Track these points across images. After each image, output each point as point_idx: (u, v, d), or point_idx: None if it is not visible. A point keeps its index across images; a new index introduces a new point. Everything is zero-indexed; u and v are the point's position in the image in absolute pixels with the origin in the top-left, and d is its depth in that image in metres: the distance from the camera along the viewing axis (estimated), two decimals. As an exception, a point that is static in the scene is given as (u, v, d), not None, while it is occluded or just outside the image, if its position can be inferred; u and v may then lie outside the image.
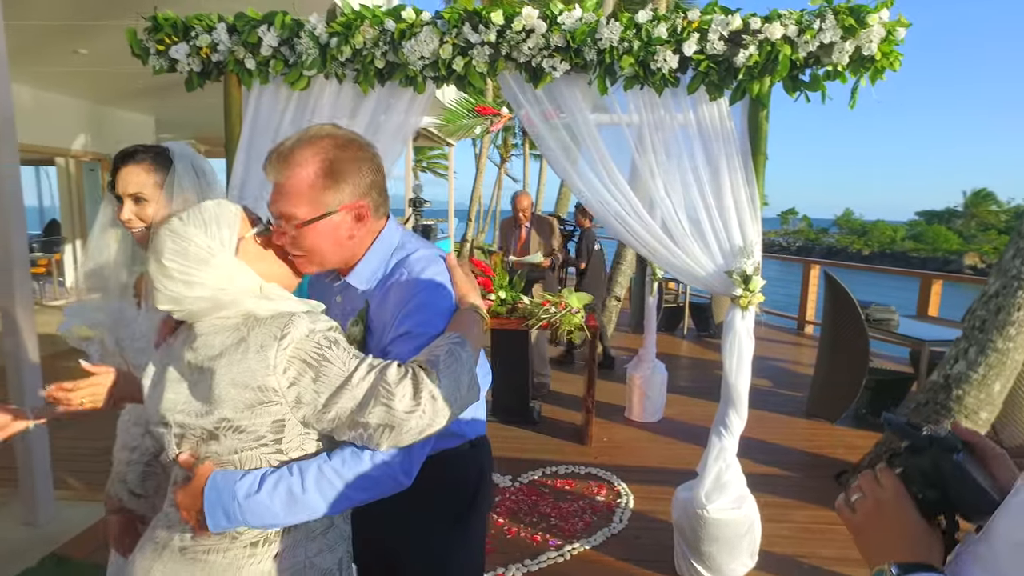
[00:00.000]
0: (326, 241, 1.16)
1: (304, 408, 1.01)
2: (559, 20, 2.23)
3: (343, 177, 1.14)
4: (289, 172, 1.12)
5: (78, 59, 6.81)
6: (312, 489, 1.01)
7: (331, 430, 1.03)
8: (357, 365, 1.01)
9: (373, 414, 0.98)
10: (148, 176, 1.52)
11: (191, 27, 2.47)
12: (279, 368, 0.99)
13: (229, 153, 2.59)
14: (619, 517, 3.21)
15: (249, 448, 1.03)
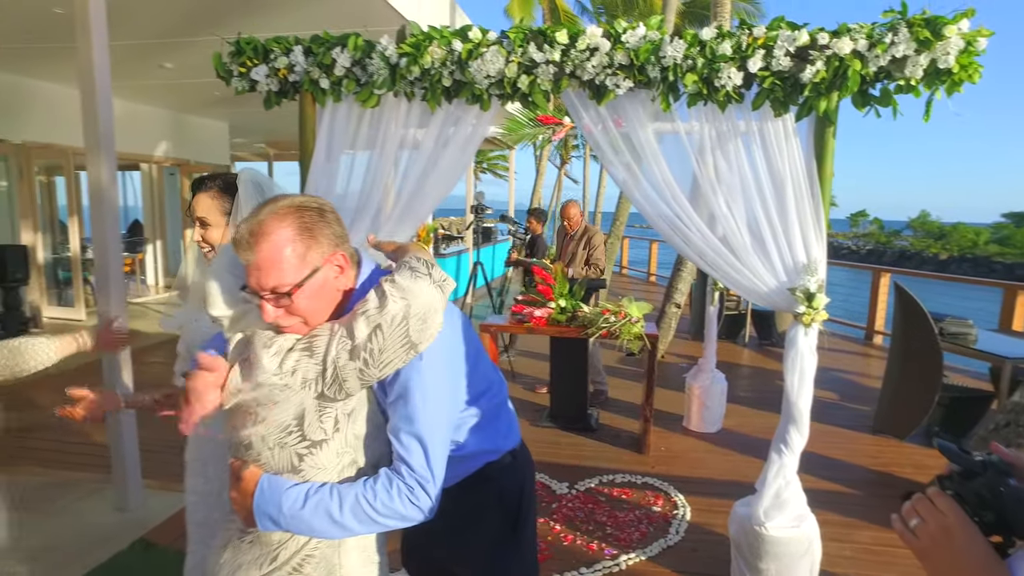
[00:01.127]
0: (318, 299, 1.17)
1: (312, 384, 1.11)
2: (623, 39, 2.25)
3: (316, 232, 1.16)
4: (265, 245, 1.13)
5: (164, 72, 7.25)
6: (348, 515, 1.11)
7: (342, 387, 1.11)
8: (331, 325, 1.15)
9: (358, 332, 1.10)
10: (213, 202, 1.71)
11: (270, 50, 2.62)
12: (277, 363, 1.11)
13: (303, 167, 2.73)
14: (675, 529, 3.21)
15: (279, 444, 1.13)
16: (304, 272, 1.14)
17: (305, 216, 1.15)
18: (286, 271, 1.13)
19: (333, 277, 1.19)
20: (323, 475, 1.15)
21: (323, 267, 1.17)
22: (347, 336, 1.09)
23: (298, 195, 1.20)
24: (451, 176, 2.65)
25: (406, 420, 1.16)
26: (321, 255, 1.16)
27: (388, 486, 1.14)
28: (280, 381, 1.10)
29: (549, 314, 3.99)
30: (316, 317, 1.18)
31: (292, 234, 1.13)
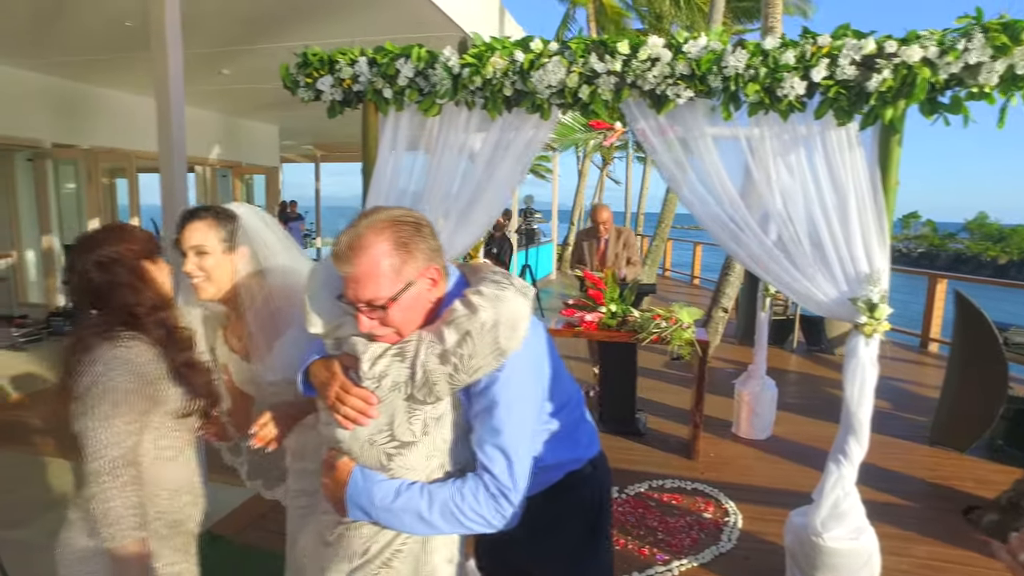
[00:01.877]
0: (412, 312, 1.20)
1: (401, 387, 1.18)
2: (684, 49, 2.27)
3: (412, 247, 1.18)
4: (363, 258, 1.15)
5: (221, 78, 7.50)
6: (436, 514, 1.17)
7: (431, 390, 1.17)
8: (420, 332, 1.22)
9: (447, 338, 1.17)
10: (210, 231, 1.63)
11: (335, 61, 2.72)
12: (368, 366, 1.19)
13: (366, 174, 2.82)
14: (727, 536, 3.19)
15: (370, 441, 1.22)
16: (399, 286, 1.16)
17: (402, 231, 1.18)
18: (382, 285, 1.15)
19: (426, 289, 1.22)
20: (412, 475, 1.21)
21: (417, 281, 1.19)
22: (437, 341, 1.14)
23: (395, 208, 1.22)
24: (508, 183, 2.71)
25: (492, 432, 1.19)
26: (416, 269, 1.19)
27: (475, 491, 1.18)
28: (371, 385, 1.16)
29: (600, 318, 4.01)
30: (409, 328, 1.21)
31: (389, 248, 1.16)
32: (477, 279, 1.25)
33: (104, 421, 1.31)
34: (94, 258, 1.43)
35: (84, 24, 5.43)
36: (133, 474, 1.33)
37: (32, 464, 3.95)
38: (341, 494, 1.20)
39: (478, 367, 1.15)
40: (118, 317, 1.42)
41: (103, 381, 1.32)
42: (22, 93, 7.14)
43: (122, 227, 1.54)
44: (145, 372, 1.38)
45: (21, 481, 3.71)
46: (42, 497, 3.47)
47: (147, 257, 1.49)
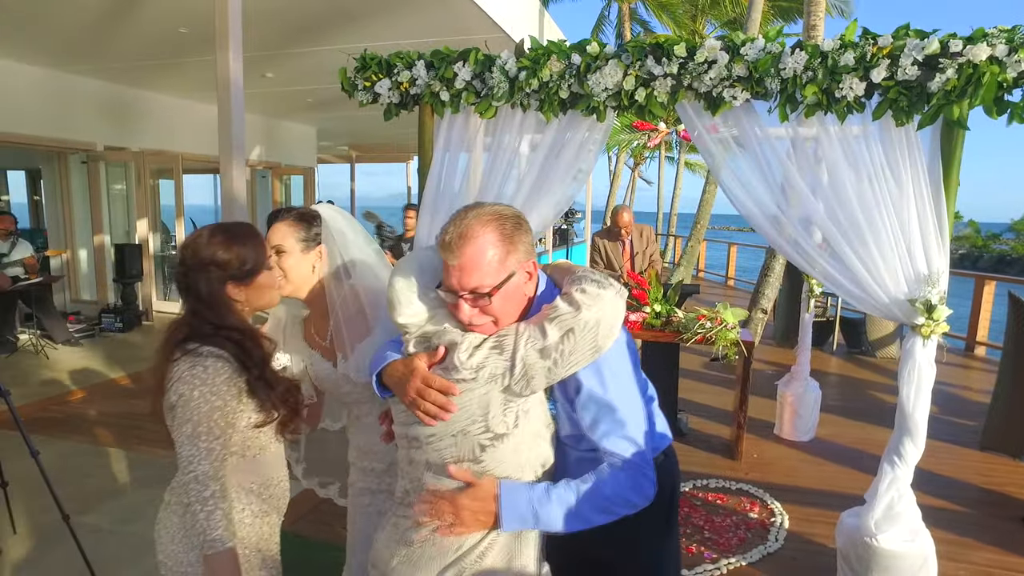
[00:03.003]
0: (511, 302, 1.27)
1: (498, 379, 1.21)
2: (742, 51, 2.29)
3: (516, 240, 1.25)
4: (470, 248, 1.21)
5: (264, 81, 7.69)
6: (586, 506, 1.21)
7: (529, 384, 1.21)
8: (518, 326, 1.25)
9: (550, 334, 1.19)
10: (289, 230, 1.69)
11: (393, 64, 2.79)
12: (466, 356, 1.22)
13: (421, 175, 2.89)
14: (774, 536, 3.19)
15: (463, 431, 1.24)
16: (502, 276, 1.23)
17: (506, 224, 1.25)
18: (487, 273, 1.22)
19: (523, 283, 1.29)
20: (502, 468, 1.25)
21: (518, 272, 1.26)
22: (539, 336, 1.19)
23: (498, 204, 1.30)
24: (563, 185, 2.74)
25: (617, 424, 1.25)
26: (517, 261, 1.26)
27: (617, 477, 1.23)
28: (468, 376, 1.21)
29: (644, 318, 4.03)
30: (506, 318, 1.27)
31: (495, 239, 1.23)
32: (573, 279, 1.29)
33: (189, 439, 1.36)
34: (187, 259, 1.47)
35: (140, 31, 5.63)
36: (220, 487, 1.38)
37: (94, 454, 4.12)
38: (492, 508, 1.20)
39: (575, 363, 1.20)
40: (199, 325, 1.45)
41: (183, 402, 1.37)
42: (77, 98, 7.42)
43: (239, 233, 1.52)
44: (222, 393, 1.40)
45: (85, 470, 3.88)
46: (106, 485, 3.63)
47: (237, 278, 1.48)
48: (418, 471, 1.31)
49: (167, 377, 1.41)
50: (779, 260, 6.62)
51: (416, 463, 1.32)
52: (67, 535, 2.73)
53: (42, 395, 5.13)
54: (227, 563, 1.38)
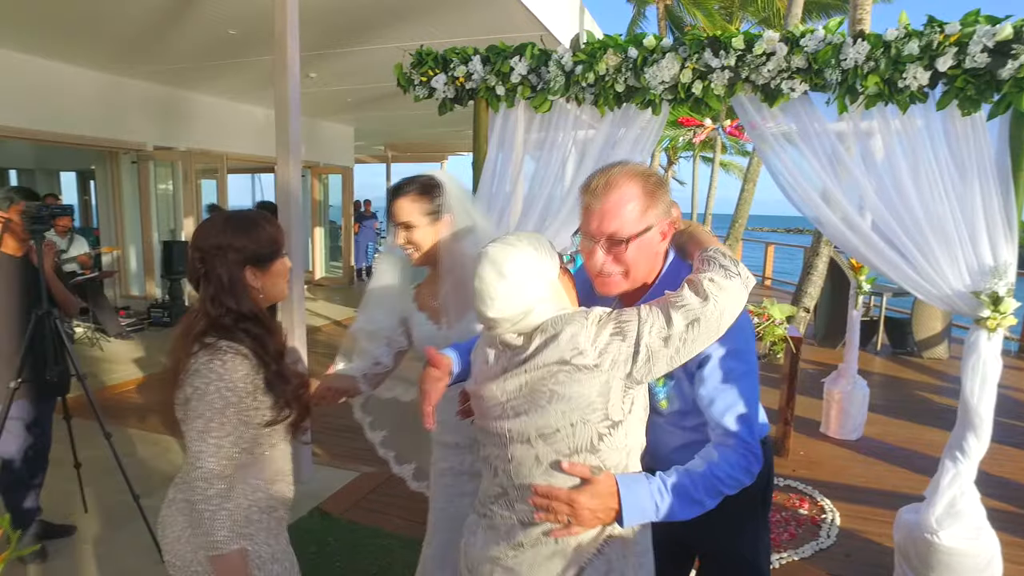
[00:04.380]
0: (643, 256, 1.32)
1: (620, 366, 1.18)
2: (801, 43, 2.28)
3: (657, 197, 1.31)
4: (615, 195, 1.28)
5: (307, 81, 7.82)
6: (703, 492, 1.23)
7: (651, 370, 1.19)
8: (639, 311, 1.21)
9: (675, 322, 1.17)
10: (415, 205, 1.76)
11: (449, 60, 2.84)
12: (590, 343, 1.18)
13: (476, 168, 2.93)
14: (826, 533, 3.16)
15: (582, 420, 1.20)
16: (640, 227, 1.29)
17: (650, 180, 1.31)
18: (627, 222, 1.28)
19: (658, 240, 1.34)
20: (615, 456, 1.24)
21: (655, 227, 1.32)
22: (663, 324, 1.17)
23: (641, 164, 1.37)
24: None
25: (734, 401, 1.28)
26: (656, 216, 1.31)
27: (728, 457, 1.25)
28: (592, 362, 1.18)
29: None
30: (636, 272, 1.33)
31: (639, 192, 1.29)
32: (704, 259, 1.27)
33: (199, 435, 1.34)
34: (201, 243, 1.43)
35: (190, 34, 5.79)
36: (225, 486, 1.36)
37: (150, 441, 4.27)
38: (613, 504, 1.19)
39: (697, 350, 1.21)
40: (219, 316, 1.41)
41: (198, 396, 1.34)
42: (129, 100, 7.66)
43: (254, 219, 1.48)
44: (238, 390, 1.37)
45: (143, 455, 4.02)
46: (164, 470, 3.76)
47: (255, 262, 1.45)
48: (524, 468, 1.25)
49: (184, 370, 1.38)
50: (822, 258, 6.52)
51: (520, 460, 1.26)
52: (132, 515, 2.84)
53: (98, 385, 5.31)
54: (233, 565, 1.36)
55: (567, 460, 1.22)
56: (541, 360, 1.21)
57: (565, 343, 1.20)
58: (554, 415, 1.21)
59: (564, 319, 1.23)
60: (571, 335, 1.20)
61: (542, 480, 1.24)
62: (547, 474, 1.23)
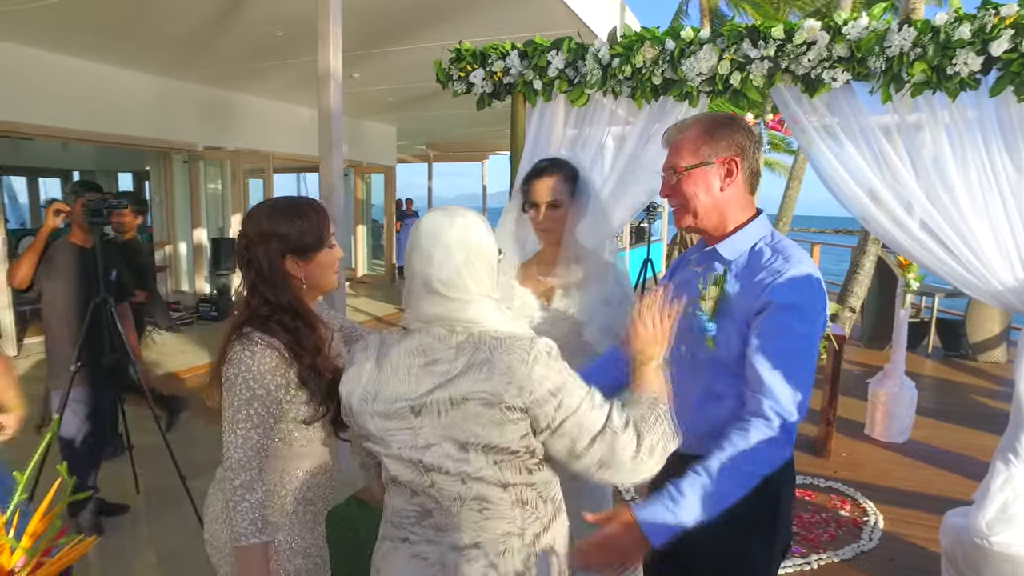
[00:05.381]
0: (700, 189, 1.39)
1: (541, 432, 1.10)
2: (843, 31, 2.23)
3: (717, 135, 1.38)
4: (679, 135, 1.42)
5: (350, 82, 7.98)
6: (727, 483, 1.19)
7: (553, 452, 1.12)
8: (583, 397, 1.10)
9: (595, 450, 1.09)
10: (564, 186, 1.84)
11: (487, 55, 2.87)
12: (525, 390, 1.06)
13: (514, 162, 2.96)
14: (868, 535, 3.09)
15: (507, 460, 1.12)
16: (694, 160, 1.38)
17: (712, 121, 1.41)
18: (682, 156, 1.40)
19: (720, 177, 1.39)
20: (551, 474, 1.24)
21: (714, 164, 1.38)
22: (582, 440, 1.12)
23: (727, 113, 1.50)
24: (648, 178, 2.74)
25: (789, 366, 1.27)
26: (714, 152, 1.38)
27: (746, 434, 1.22)
28: (520, 402, 1.11)
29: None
30: (695, 205, 1.40)
31: (697, 131, 1.40)
32: (652, 408, 1.22)
33: (230, 424, 1.34)
34: (247, 230, 1.42)
35: (239, 36, 5.98)
36: (250, 477, 1.34)
37: (199, 427, 4.43)
38: (638, 534, 1.17)
39: (583, 462, 1.15)
40: (257, 306, 1.40)
41: (228, 385, 1.35)
42: (180, 101, 7.95)
43: (300, 206, 1.45)
44: (265, 383, 1.35)
45: (191, 440, 4.17)
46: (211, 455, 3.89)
47: (297, 251, 1.42)
48: (449, 491, 1.15)
49: (222, 359, 1.39)
50: (869, 257, 6.34)
51: (442, 485, 1.15)
52: (180, 496, 2.97)
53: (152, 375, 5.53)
54: (252, 558, 1.33)
55: (499, 489, 1.13)
56: (466, 387, 1.09)
57: (499, 375, 1.07)
58: (475, 458, 1.11)
59: (503, 343, 1.10)
60: (507, 366, 1.07)
61: (474, 503, 1.13)
62: (479, 499, 1.14)
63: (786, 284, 1.28)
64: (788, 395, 1.23)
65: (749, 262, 1.37)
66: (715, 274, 1.40)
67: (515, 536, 1.16)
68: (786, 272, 1.29)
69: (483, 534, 1.14)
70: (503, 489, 1.13)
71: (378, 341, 1.24)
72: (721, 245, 1.42)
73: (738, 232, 1.41)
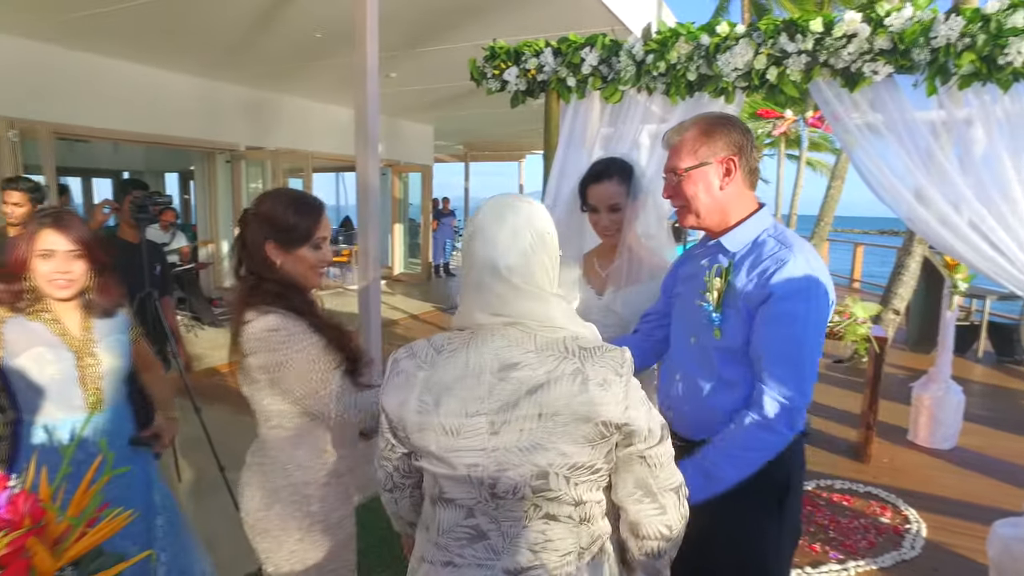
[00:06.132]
0: (700, 190, 1.43)
1: (627, 448, 1.04)
2: (886, 22, 2.17)
3: (715, 135, 1.41)
4: (678, 137, 1.46)
5: (388, 81, 8.08)
6: (724, 466, 1.27)
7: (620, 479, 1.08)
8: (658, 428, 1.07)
9: (666, 501, 1.08)
10: (620, 188, 1.89)
11: (521, 53, 2.88)
12: (622, 405, 0.99)
13: (547, 160, 2.96)
14: (909, 544, 2.99)
15: (586, 479, 1.03)
16: (693, 162, 1.41)
17: (710, 121, 1.44)
18: (681, 157, 1.44)
19: (720, 176, 1.42)
20: None
21: (714, 163, 1.41)
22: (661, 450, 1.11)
23: (722, 113, 1.50)
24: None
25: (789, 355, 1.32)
26: (712, 153, 1.41)
27: (742, 422, 1.29)
28: (616, 418, 1.05)
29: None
30: (698, 206, 1.44)
31: (695, 133, 1.43)
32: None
33: (297, 378, 1.44)
34: (255, 205, 1.54)
35: (280, 38, 6.11)
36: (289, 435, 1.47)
37: (236, 421, 4.52)
38: None
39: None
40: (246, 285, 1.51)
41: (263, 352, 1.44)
42: (223, 102, 8.17)
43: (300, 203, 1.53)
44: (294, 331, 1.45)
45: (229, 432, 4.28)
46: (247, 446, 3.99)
47: (277, 240, 1.49)
48: (514, 515, 1.06)
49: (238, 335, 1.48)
50: (914, 258, 6.13)
51: (509, 508, 1.05)
52: (218, 485, 3.05)
53: (193, 368, 5.70)
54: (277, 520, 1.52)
55: (570, 507, 1.05)
56: (557, 399, 0.98)
57: (596, 387, 0.98)
58: (554, 480, 1.01)
59: (593, 353, 1.01)
60: (603, 379, 0.99)
61: (540, 523, 1.04)
62: (547, 519, 1.04)
63: (787, 274, 1.32)
64: (789, 382, 1.29)
65: (752, 253, 1.41)
66: (719, 266, 1.45)
67: (574, 555, 1.06)
68: (787, 262, 1.32)
69: (543, 555, 1.04)
70: (574, 507, 1.04)
71: (428, 347, 1.08)
72: (725, 238, 1.47)
73: (740, 225, 1.46)
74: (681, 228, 9.01)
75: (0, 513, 0.80)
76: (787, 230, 1.44)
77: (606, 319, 1.94)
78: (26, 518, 0.81)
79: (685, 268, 1.62)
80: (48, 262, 1.60)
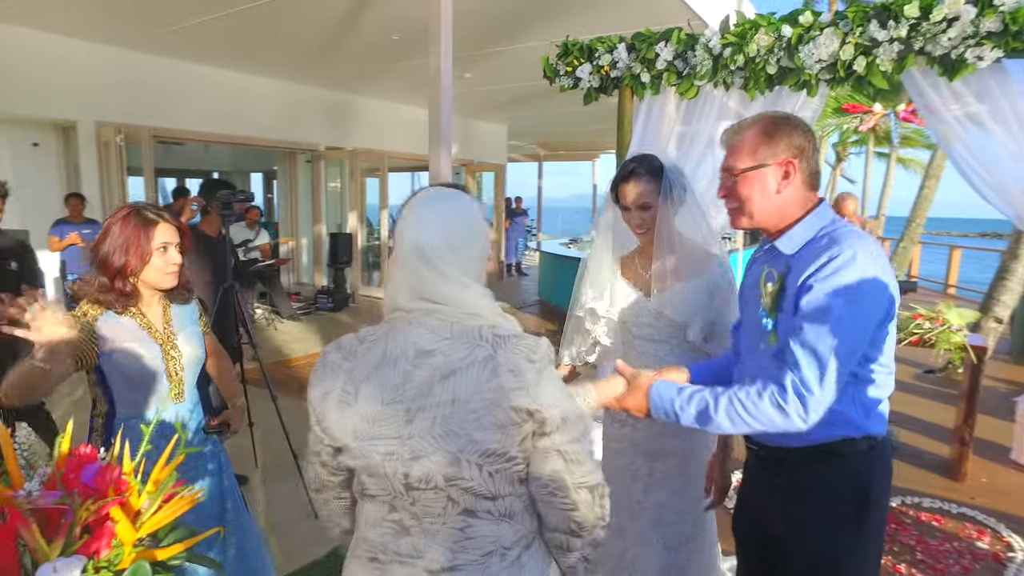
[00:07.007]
0: (756, 192, 1.37)
1: (542, 438, 1.02)
2: (996, 2, 2.00)
3: (776, 136, 1.35)
4: (737, 136, 1.40)
5: (462, 82, 8.18)
6: (722, 413, 1.30)
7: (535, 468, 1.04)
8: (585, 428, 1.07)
9: (579, 497, 1.04)
10: (649, 187, 1.85)
11: (594, 49, 2.84)
12: (532, 392, 0.99)
13: (620, 159, 2.90)
14: (1013, 573, 2.76)
15: (502, 470, 1.02)
16: (751, 163, 1.36)
17: (771, 122, 1.38)
18: (739, 158, 1.38)
19: (777, 179, 1.36)
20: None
21: (772, 165, 1.35)
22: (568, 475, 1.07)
23: (784, 113, 1.44)
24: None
25: (819, 338, 1.25)
26: (771, 155, 1.35)
27: (761, 389, 1.27)
28: (528, 405, 1.03)
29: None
30: (751, 208, 1.38)
31: (754, 133, 1.37)
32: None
33: None
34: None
35: (358, 41, 6.30)
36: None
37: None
38: (644, 404, 1.40)
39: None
40: None
41: None
42: (305, 105, 8.51)
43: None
44: None
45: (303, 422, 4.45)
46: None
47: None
48: (433, 510, 1.04)
49: None
50: (1021, 262, 5.66)
51: (426, 503, 1.03)
52: (292, 472, 3.17)
53: (271, 360, 5.95)
54: None
55: (487, 502, 1.03)
56: (468, 384, 0.99)
57: (506, 373, 0.99)
58: (467, 469, 1.00)
59: (507, 340, 1.01)
60: (514, 365, 0.99)
61: (459, 520, 1.03)
62: (465, 514, 1.03)
63: (830, 266, 1.26)
64: (812, 373, 1.24)
65: (806, 253, 1.34)
66: (773, 270, 1.40)
67: (496, 556, 1.05)
68: (835, 256, 1.26)
69: (463, 555, 1.03)
70: (492, 502, 1.02)
71: (354, 339, 1.10)
72: (779, 241, 1.41)
73: (796, 225, 1.39)
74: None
75: (89, 483, 0.85)
76: (845, 226, 1.36)
77: (659, 320, 1.93)
78: (111, 489, 0.86)
79: (750, 273, 1.58)
80: (163, 255, 1.69)
